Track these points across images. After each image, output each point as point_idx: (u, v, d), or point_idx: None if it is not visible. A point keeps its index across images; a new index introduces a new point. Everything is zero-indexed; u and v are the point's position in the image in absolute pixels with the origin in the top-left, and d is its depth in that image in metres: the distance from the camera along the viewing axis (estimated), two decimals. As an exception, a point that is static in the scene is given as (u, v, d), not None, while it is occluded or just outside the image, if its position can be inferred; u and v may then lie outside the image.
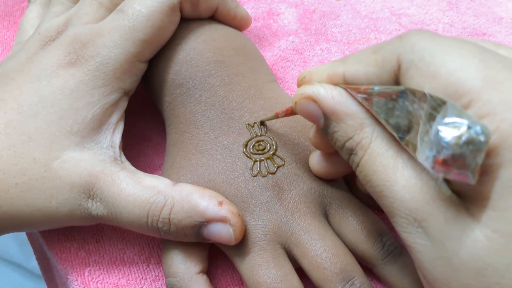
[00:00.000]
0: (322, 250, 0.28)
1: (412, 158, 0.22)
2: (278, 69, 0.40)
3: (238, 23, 0.36)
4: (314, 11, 0.43)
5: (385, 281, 0.29)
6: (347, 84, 0.24)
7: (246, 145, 0.31)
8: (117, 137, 0.31)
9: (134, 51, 0.30)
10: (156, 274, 0.32)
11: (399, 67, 0.22)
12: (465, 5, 0.42)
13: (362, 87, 0.23)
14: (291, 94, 0.38)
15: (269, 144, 0.31)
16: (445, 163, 0.18)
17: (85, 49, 0.30)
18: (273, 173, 0.30)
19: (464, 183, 0.19)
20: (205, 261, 0.30)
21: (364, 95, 0.23)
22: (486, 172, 0.19)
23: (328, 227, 0.29)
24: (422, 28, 0.41)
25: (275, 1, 0.44)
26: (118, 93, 0.31)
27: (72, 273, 0.32)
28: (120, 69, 0.30)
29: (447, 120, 0.18)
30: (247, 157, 0.30)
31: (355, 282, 0.27)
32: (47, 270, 0.40)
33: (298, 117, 0.32)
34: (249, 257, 0.28)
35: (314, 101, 0.25)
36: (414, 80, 0.21)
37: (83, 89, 0.30)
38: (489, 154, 0.19)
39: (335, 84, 0.25)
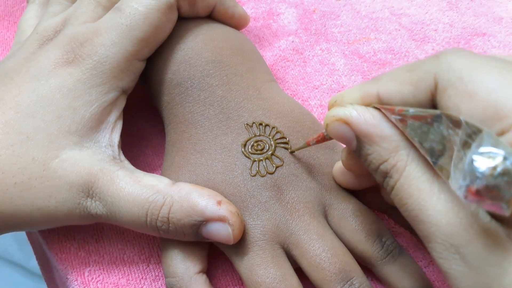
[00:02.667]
0: (321, 250, 0.28)
1: None
2: (278, 69, 0.40)
3: (236, 22, 0.36)
4: (314, 11, 0.43)
5: (384, 281, 0.29)
6: (381, 104, 0.24)
7: (244, 145, 0.31)
8: (116, 136, 0.31)
9: (131, 50, 0.30)
10: (156, 274, 0.32)
11: (435, 87, 0.22)
12: (465, 5, 0.42)
13: (397, 108, 0.22)
14: (290, 94, 0.38)
15: (268, 144, 0.31)
16: (478, 193, 0.17)
17: (82, 48, 0.30)
18: (272, 173, 0.30)
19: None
20: (204, 260, 0.30)
21: (399, 117, 0.22)
22: None
23: (327, 227, 0.29)
24: (422, 29, 0.41)
25: (275, 1, 0.44)
26: (116, 91, 0.31)
27: (72, 273, 0.32)
28: (118, 67, 0.30)
29: (482, 149, 0.18)
30: (246, 157, 0.30)
31: (354, 282, 0.27)
32: (47, 270, 0.40)
33: (296, 117, 0.32)
34: (248, 257, 0.28)
35: (346, 123, 0.24)
36: (452, 100, 0.21)
37: (81, 88, 0.30)
38: None
39: (369, 104, 0.24)
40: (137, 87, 0.33)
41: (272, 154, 0.31)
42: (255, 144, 0.31)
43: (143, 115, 0.38)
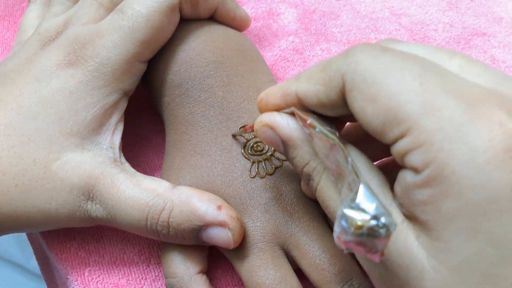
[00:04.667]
0: (321, 251, 0.28)
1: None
2: (278, 69, 0.40)
3: (237, 24, 0.36)
4: (314, 11, 0.43)
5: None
6: (301, 105, 0.24)
7: (244, 146, 0.31)
8: (117, 138, 0.31)
9: (133, 52, 0.30)
10: (156, 274, 0.32)
11: (344, 87, 0.22)
12: (465, 5, 0.42)
13: (309, 120, 0.23)
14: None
15: (267, 145, 0.31)
16: (347, 244, 0.18)
17: (84, 50, 0.30)
18: (271, 174, 0.30)
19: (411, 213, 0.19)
20: (204, 261, 0.30)
21: (308, 131, 0.23)
22: (428, 203, 0.19)
23: (327, 228, 0.29)
24: (422, 29, 0.41)
25: (275, 1, 0.44)
26: (117, 93, 0.31)
27: (72, 273, 0.32)
28: (120, 69, 0.30)
29: (354, 204, 0.18)
30: (246, 158, 0.30)
31: (353, 283, 0.27)
32: (47, 270, 0.40)
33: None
34: (248, 258, 0.28)
35: (272, 128, 0.25)
36: (357, 102, 0.21)
37: (83, 90, 0.30)
38: (429, 185, 0.19)
39: (289, 105, 0.24)
40: (138, 88, 0.33)
41: (271, 155, 0.31)
42: (255, 145, 0.31)
43: (144, 115, 0.38)
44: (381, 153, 0.26)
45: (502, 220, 0.18)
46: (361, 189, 0.18)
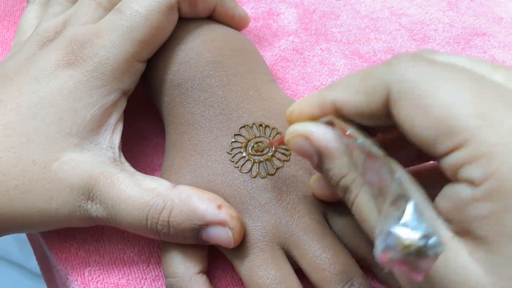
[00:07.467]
0: (321, 251, 0.28)
1: None
2: (278, 69, 0.40)
3: (236, 23, 0.36)
4: (314, 11, 0.43)
5: (385, 282, 0.29)
6: (337, 115, 0.23)
7: (245, 146, 0.31)
8: (117, 138, 0.31)
9: (132, 51, 0.30)
10: (156, 274, 0.32)
11: (388, 97, 0.21)
12: (465, 5, 0.42)
13: (349, 130, 0.22)
14: (290, 94, 0.38)
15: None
16: (391, 261, 0.17)
17: (83, 50, 0.30)
18: (272, 175, 0.30)
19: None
20: (204, 261, 0.30)
21: (347, 142, 0.22)
22: (488, 217, 0.18)
23: (328, 228, 0.29)
24: (422, 29, 0.41)
25: (275, 1, 0.44)
26: (117, 93, 0.31)
27: (72, 273, 0.32)
28: (119, 69, 0.30)
29: (403, 221, 0.17)
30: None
31: (354, 283, 0.27)
32: (47, 270, 0.40)
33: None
34: (248, 258, 0.28)
35: (307, 138, 0.24)
36: (405, 112, 0.20)
37: (82, 90, 0.30)
38: (490, 199, 0.18)
39: (326, 114, 0.24)
40: (137, 87, 0.33)
41: (272, 156, 0.31)
42: (256, 145, 0.31)
43: (143, 115, 0.38)
44: (409, 163, 0.26)
45: None
46: (410, 207, 0.17)
